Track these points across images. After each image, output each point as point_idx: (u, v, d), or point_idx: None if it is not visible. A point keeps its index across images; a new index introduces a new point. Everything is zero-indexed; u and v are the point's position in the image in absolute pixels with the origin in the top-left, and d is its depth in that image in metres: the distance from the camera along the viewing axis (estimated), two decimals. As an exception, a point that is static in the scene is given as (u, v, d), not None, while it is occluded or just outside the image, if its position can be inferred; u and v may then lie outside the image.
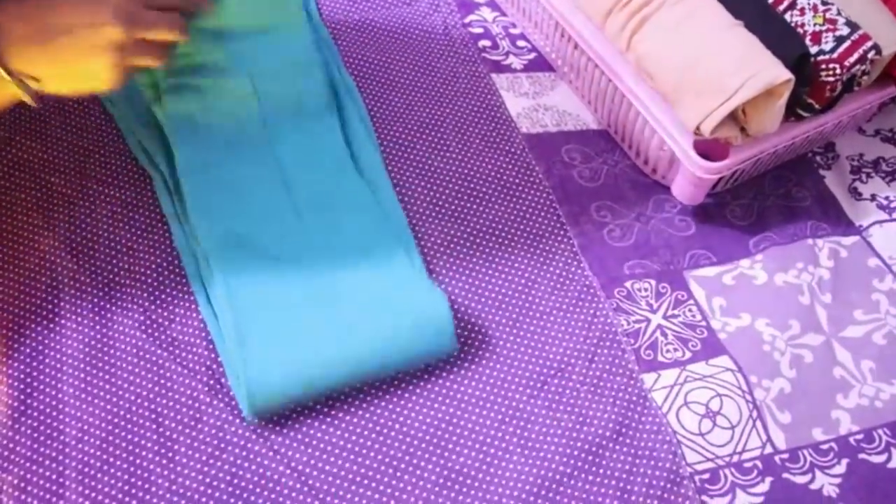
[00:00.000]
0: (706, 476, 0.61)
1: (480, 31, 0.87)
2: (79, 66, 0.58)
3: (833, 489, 0.62)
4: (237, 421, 0.60)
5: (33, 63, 0.57)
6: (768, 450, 0.63)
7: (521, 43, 0.87)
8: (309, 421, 0.60)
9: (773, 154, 0.75)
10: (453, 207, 0.73)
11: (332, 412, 0.61)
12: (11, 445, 0.57)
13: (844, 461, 0.63)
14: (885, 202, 0.80)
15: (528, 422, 0.62)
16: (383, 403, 0.62)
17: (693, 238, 0.75)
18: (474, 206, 0.73)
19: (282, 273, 0.64)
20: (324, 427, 0.60)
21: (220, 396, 0.60)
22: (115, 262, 0.66)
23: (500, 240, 0.71)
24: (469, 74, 0.82)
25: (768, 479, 0.61)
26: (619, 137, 0.80)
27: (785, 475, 0.62)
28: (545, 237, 0.72)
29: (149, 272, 0.66)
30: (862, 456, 0.63)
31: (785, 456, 0.63)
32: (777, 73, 0.65)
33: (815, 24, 0.70)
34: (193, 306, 0.65)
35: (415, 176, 0.74)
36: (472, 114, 0.79)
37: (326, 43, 0.80)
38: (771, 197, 0.79)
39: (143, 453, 0.58)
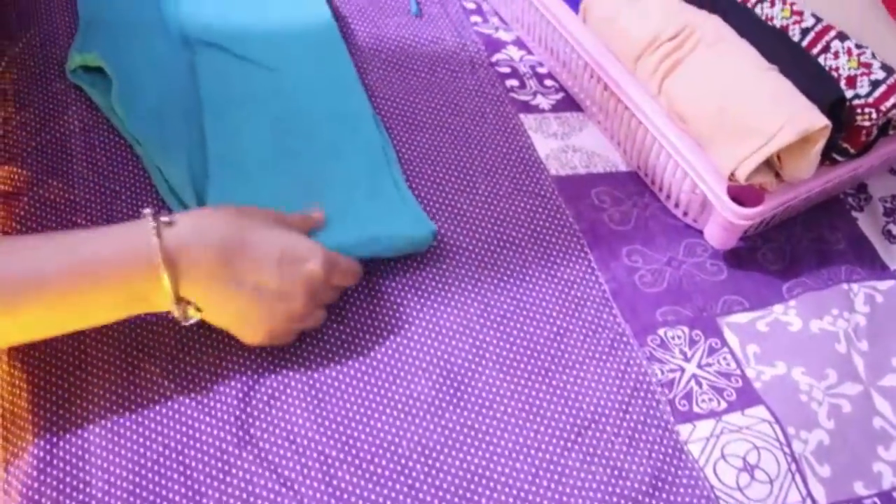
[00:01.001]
0: (746, 533, 0.59)
1: (507, 70, 0.87)
2: (245, 318, 0.60)
3: (876, 547, 0.60)
4: (266, 473, 0.58)
5: (205, 298, 0.58)
6: (809, 505, 0.61)
7: (548, 82, 0.86)
8: (340, 474, 0.59)
9: (805, 198, 0.74)
10: (483, 252, 0.72)
11: (363, 465, 0.59)
12: (37, 497, 0.56)
13: (888, 517, 0.62)
14: (919, 245, 0.79)
15: (562, 475, 0.61)
16: (415, 456, 0.60)
17: (725, 283, 0.73)
18: (504, 251, 0.72)
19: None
20: (355, 480, 0.59)
21: (248, 448, 0.59)
22: (141, 307, 0.65)
23: (530, 286, 0.70)
24: (497, 115, 0.82)
25: (810, 537, 0.60)
26: (650, 180, 0.79)
27: (827, 532, 0.60)
28: (576, 283, 0.71)
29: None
30: (906, 512, 0.62)
31: (826, 512, 0.61)
32: (814, 119, 0.64)
33: (849, 68, 0.70)
34: (222, 354, 0.64)
35: (443, 219, 0.73)
36: (501, 155, 0.79)
37: None
38: (803, 240, 0.78)
39: (171, 506, 0.57)
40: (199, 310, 0.59)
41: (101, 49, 0.76)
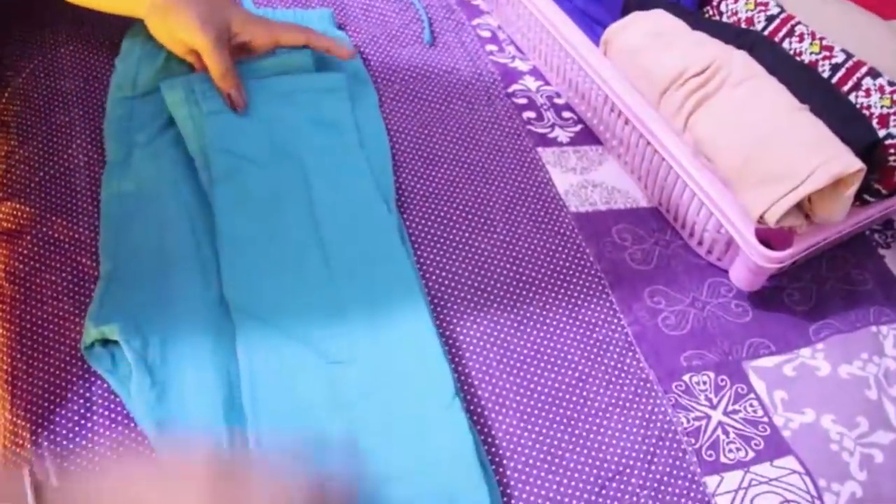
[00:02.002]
0: None
1: (524, 101, 0.84)
2: None
3: None
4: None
5: None
6: (843, 564, 0.59)
7: (566, 114, 0.84)
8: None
9: (834, 238, 0.72)
10: (501, 294, 0.69)
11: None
12: (40, 557, 0.54)
13: (925, 576, 0.59)
14: (948, 284, 0.76)
15: (586, 531, 0.59)
16: (434, 512, 0.58)
17: (750, 325, 0.71)
18: (523, 293, 0.70)
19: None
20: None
21: None
22: (149, 351, 0.63)
23: (551, 329, 0.68)
24: (514, 148, 0.79)
25: None
26: (672, 216, 0.76)
27: (862, 593, 0.58)
28: (598, 326, 0.69)
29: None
30: (944, 571, 0.60)
31: (861, 571, 0.59)
32: (848, 162, 0.62)
33: (882, 107, 0.67)
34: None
35: (460, 259, 0.71)
36: (519, 191, 0.76)
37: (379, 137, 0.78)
38: (830, 280, 0.75)
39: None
40: None
41: (123, 321, 0.62)
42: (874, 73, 0.68)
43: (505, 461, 0.61)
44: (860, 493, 0.62)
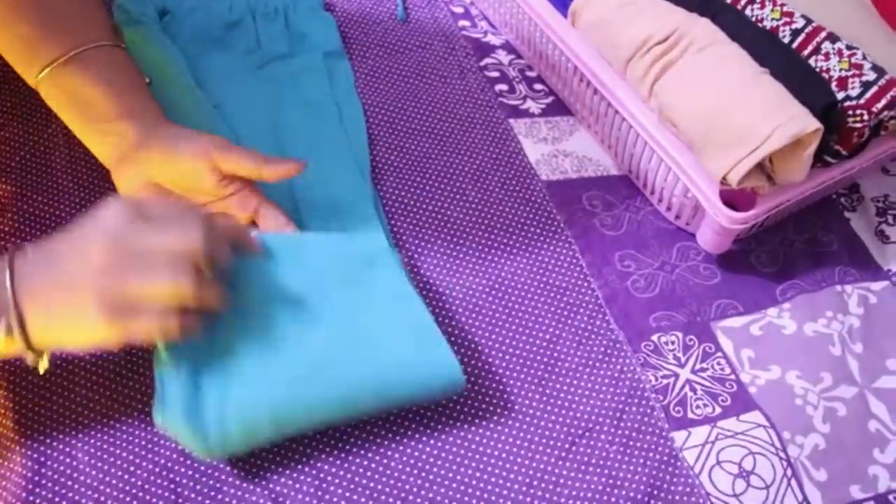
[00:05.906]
0: (742, 541, 0.59)
1: (497, 74, 0.86)
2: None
3: (873, 552, 0.60)
4: (258, 490, 0.58)
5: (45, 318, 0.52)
6: (805, 511, 0.61)
7: (538, 86, 0.86)
8: (332, 488, 0.58)
9: (798, 200, 0.73)
10: (473, 260, 0.71)
11: (356, 478, 0.59)
12: (26, 519, 0.55)
13: (884, 521, 0.61)
14: (913, 245, 0.78)
15: (556, 485, 0.60)
16: (408, 469, 0.60)
17: (719, 287, 0.73)
18: (495, 259, 0.71)
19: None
20: (347, 494, 0.58)
21: (239, 464, 0.59)
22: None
23: (522, 293, 0.70)
24: (486, 120, 0.81)
25: (807, 544, 0.59)
26: (641, 183, 0.78)
27: (824, 538, 0.60)
28: (569, 289, 0.70)
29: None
30: (903, 516, 0.62)
31: (823, 517, 0.61)
32: (806, 122, 0.64)
33: (840, 70, 0.69)
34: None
35: (433, 227, 0.73)
36: (491, 161, 0.78)
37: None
38: (796, 242, 0.77)
39: (162, 526, 0.56)
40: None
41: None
42: (833, 38, 0.70)
43: (477, 420, 0.62)
44: (823, 445, 0.64)
